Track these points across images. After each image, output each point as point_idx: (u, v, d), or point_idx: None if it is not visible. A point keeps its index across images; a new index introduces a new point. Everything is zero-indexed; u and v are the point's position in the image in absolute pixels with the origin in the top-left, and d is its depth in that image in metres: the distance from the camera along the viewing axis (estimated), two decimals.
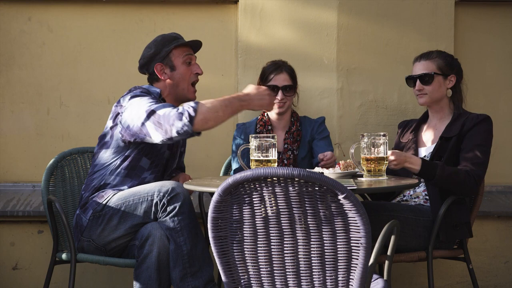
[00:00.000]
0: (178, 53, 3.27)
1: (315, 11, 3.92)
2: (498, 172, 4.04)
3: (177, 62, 3.26)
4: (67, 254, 3.23)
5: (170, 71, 3.26)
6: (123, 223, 3.06)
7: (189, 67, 3.29)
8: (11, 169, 4.01)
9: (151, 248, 2.97)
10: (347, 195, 2.13)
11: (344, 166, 2.94)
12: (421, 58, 3.37)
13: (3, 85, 3.99)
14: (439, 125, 3.38)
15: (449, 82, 3.34)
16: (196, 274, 2.97)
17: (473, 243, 3.85)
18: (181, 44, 3.28)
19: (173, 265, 2.97)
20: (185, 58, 3.27)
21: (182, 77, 3.27)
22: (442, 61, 3.33)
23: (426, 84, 3.32)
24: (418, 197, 3.33)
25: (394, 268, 3.78)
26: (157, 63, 3.24)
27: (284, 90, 3.55)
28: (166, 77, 3.26)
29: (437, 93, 3.33)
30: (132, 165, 3.17)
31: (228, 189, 2.21)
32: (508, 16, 4.09)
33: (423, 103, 3.37)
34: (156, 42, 3.28)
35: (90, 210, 3.13)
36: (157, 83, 3.28)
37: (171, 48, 3.25)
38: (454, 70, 3.35)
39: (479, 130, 3.23)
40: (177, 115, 2.88)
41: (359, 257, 2.16)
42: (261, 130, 3.64)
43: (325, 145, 3.60)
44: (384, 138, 2.92)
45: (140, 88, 3.22)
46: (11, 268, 3.95)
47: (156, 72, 3.25)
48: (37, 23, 3.99)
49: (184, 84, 3.28)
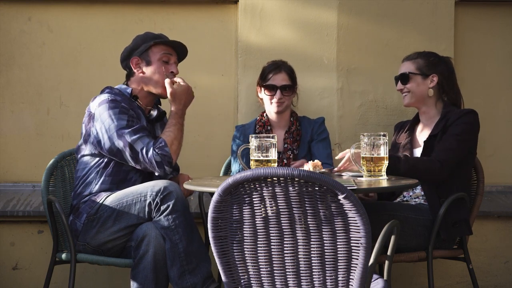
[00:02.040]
0: (157, 50, 3.28)
1: (315, 11, 3.92)
2: (498, 172, 4.04)
3: (153, 58, 3.27)
4: (67, 254, 3.23)
5: (145, 65, 3.28)
6: (117, 224, 3.07)
7: (166, 65, 3.29)
8: (11, 169, 4.01)
9: (147, 248, 2.98)
10: (347, 195, 2.13)
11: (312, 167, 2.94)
12: (404, 59, 3.44)
13: (3, 85, 3.99)
14: (429, 125, 3.40)
15: (430, 82, 3.36)
16: (194, 271, 2.98)
17: (473, 243, 3.85)
18: (162, 43, 3.29)
19: (170, 264, 2.98)
20: (162, 56, 3.28)
21: (155, 72, 3.27)
22: (422, 61, 3.37)
23: (404, 84, 3.37)
24: (418, 197, 3.33)
25: (394, 268, 3.78)
26: (134, 57, 3.27)
27: (282, 89, 3.56)
28: (140, 71, 3.28)
29: (417, 92, 3.36)
30: (115, 170, 3.20)
31: (228, 189, 2.21)
32: (508, 16, 4.09)
33: (406, 104, 3.42)
34: (138, 37, 3.32)
35: (84, 214, 3.14)
36: (132, 79, 3.31)
37: (150, 45, 3.26)
38: (437, 70, 3.36)
39: (460, 122, 3.25)
40: (157, 164, 3.11)
41: (359, 257, 2.16)
42: (260, 130, 3.65)
43: (323, 148, 3.61)
44: (384, 138, 2.92)
45: (111, 92, 3.23)
46: (11, 268, 3.95)
47: (132, 65, 3.28)
48: (37, 23, 3.99)
49: (157, 79, 3.28)
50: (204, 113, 4.01)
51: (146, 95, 3.32)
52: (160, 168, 3.11)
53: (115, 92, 3.25)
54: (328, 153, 3.61)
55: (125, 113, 3.14)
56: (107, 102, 3.16)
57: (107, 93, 3.23)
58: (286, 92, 3.57)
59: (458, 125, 3.24)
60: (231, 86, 4.01)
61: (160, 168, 3.11)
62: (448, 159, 3.17)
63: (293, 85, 3.60)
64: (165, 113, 3.45)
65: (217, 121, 4.02)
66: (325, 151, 3.59)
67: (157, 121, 3.38)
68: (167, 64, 3.29)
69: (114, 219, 3.07)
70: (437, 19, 3.95)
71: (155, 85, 3.29)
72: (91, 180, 3.21)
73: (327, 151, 3.61)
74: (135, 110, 3.23)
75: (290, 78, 3.59)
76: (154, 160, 3.10)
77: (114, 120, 3.12)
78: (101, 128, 3.14)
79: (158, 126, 3.40)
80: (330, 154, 3.61)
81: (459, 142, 3.21)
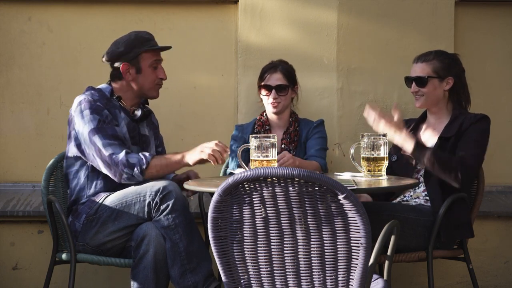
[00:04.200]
0: (148, 56, 3.25)
1: (315, 11, 3.92)
2: (498, 172, 4.04)
3: (144, 65, 3.25)
4: (67, 254, 3.23)
5: (135, 72, 3.24)
6: (117, 224, 3.08)
7: (155, 71, 3.27)
8: (11, 169, 4.01)
9: (147, 248, 2.98)
10: (347, 195, 2.13)
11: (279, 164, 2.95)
12: (419, 60, 3.37)
13: (3, 85, 3.99)
14: (438, 125, 3.38)
15: (446, 84, 3.34)
16: (195, 270, 2.99)
17: (473, 243, 3.85)
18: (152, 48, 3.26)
19: (171, 263, 2.99)
20: (153, 63, 3.26)
21: (146, 80, 3.26)
22: (439, 64, 3.32)
23: (421, 87, 3.33)
24: (419, 198, 3.32)
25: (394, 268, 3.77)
26: (123, 62, 3.23)
27: (277, 89, 3.55)
28: (130, 78, 3.25)
29: (432, 96, 3.33)
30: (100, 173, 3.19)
31: (228, 189, 2.21)
32: (508, 16, 4.09)
33: (419, 106, 3.39)
34: (128, 41, 3.24)
35: (83, 215, 3.14)
36: (118, 81, 3.27)
37: (141, 51, 3.23)
38: (452, 72, 3.34)
39: (476, 128, 3.24)
40: (127, 164, 3.04)
41: (359, 257, 2.16)
42: (259, 130, 3.64)
43: (316, 143, 3.57)
44: (384, 138, 2.92)
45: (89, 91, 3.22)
46: (11, 268, 3.95)
47: (121, 71, 3.24)
48: (37, 23, 3.99)
49: (149, 87, 3.28)
50: (204, 113, 4.01)
51: (132, 97, 3.29)
52: (129, 168, 3.05)
53: (92, 92, 3.23)
54: (320, 148, 3.57)
55: (98, 113, 3.12)
56: (79, 104, 3.16)
57: (84, 93, 3.22)
58: (281, 92, 3.56)
59: (476, 131, 3.23)
60: (231, 86, 4.01)
61: (129, 168, 3.05)
62: (473, 165, 3.18)
63: (290, 85, 3.59)
64: (151, 112, 3.44)
65: (217, 121, 4.02)
66: (316, 145, 3.57)
67: (142, 120, 3.35)
68: (156, 69, 3.28)
69: (114, 219, 3.07)
70: (437, 19, 3.95)
71: (147, 91, 3.29)
72: (82, 186, 3.22)
73: (319, 146, 3.57)
74: (112, 110, 3.20)
75: (285, 78, 3.58)
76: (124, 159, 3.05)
77: (86, 122, 3.12)
78: (77, 132, 3.16)
79: (145, 125, 3.38)
80: (322, 150, 3.57)
81: (482, 149, 3.23)
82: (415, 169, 3.34)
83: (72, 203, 3.24)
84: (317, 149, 3.57)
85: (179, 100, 4.00)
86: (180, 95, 4.00)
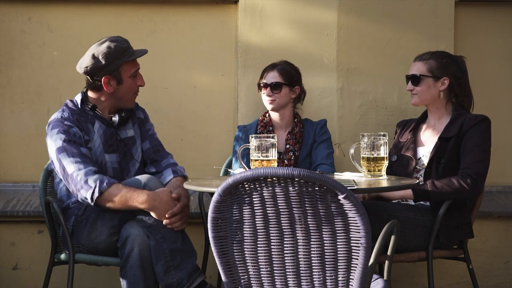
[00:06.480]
0: (128, 68, 3.20)
1: (315, 11, 3.92)
2: (498, 172, 4.04)
3: (125, 77, 3.20)
4: (66, 255, 3.23)
5: (116, 84, 3.20)
6: (105, 224, 3.09)
7: (134, 80, 3.24)
8: (11, 169, 4.01)
9: (132, 247, 2.99)
10: (347, 195, 2.13)
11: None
12: (417, 59, 3.41)
13: (3, 85, 3.99)
14: (438, 125, 3.38)
15: (441, 84, 3.34)
16: (179, 267, 3.00)
17: (473, 243, 3.85)
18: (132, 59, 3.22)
19: (155, 261, 3.01)
20: (133, 73, 3.22)
21: (125, 91, 3.22)
22: (435, 63, 3.34)
23: (415, 85, 3.35)
24: None
25: (394, 268, 3.78)
26: (105, 75, 3.17)
27: (271, 87, 3.57)
28: (111, 89, 3.20)
29: (426, 94, 3.35)
30: None
31: (228, 189, 2.21)
32: (508, 16, 4.09)
33: (413, 103, 3.41)
34: (108, 54, 3.15)
35: (72, 216, 3.16)
36: (97, 92, 3.22)
37: (122, 63, 3.18)
38: (448, 73, 3.34)
39: (477, 131, 3.24)
40: (83, 185, 3.00)
41: (359, 257, 2.16)
42: (262, 131, 3.65)
43: (324, 148, 3.62)
44: (384, 138, 2.92)
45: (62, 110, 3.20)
46: (11, 268, 3.95)
47: (103, 83, 3.17)
48: (37, 23, 3.99)
49: (127, 96, 3.25)
50: (204, 113, 4.01)
51: (109, 106, 3.26)
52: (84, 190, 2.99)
53: (64, 108, 3.21)
54: (329, 152, 3.61)
55: (64, 132, 3.10)
56: (49, 124, 3.17)
57: (58, 111, 3.21)
58: (275, 89, 3.57)
59: (478, 134, 3.24)
60: (231, 86, 4.01)
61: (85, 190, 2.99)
62: (480, 172, 3.19)
63: (286, 83, 3.59)
64: (130, 116, 3.34)
65: (217, 121, 4.02)
66: (325, 151, 3.60)
67: (121, 125, 3.31)
68: (135, 78, 3.25)
69: (102, 218, 3.09)
70: (437, 19, 3.95)
71: (125, 102, 3.25)
72: (66, 193, 3.23)
73: (327, 151, 3.61)
74: (83, 125, 3.18)
75: (281, 77, 3.59)
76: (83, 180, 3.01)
77: (53, 141, 3.11)
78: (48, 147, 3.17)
79: (125, 129, 3.34)
80: (330, 154, 3.62)
81: (486, 153, 3.23)
82: (415, 169, 3.35)
83: (64, 208, 3.24)
84: (325, 156, 3.60)
85: (179, 100, 4.00)
86: (180, 95, 4.00)
